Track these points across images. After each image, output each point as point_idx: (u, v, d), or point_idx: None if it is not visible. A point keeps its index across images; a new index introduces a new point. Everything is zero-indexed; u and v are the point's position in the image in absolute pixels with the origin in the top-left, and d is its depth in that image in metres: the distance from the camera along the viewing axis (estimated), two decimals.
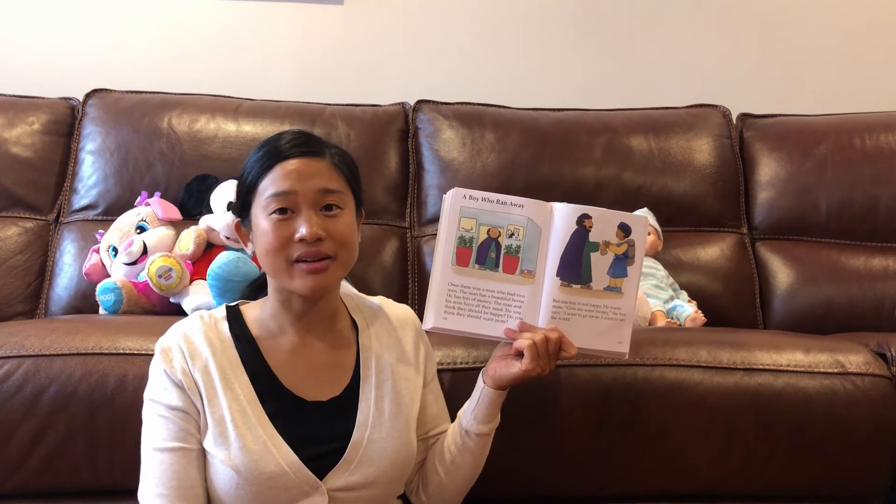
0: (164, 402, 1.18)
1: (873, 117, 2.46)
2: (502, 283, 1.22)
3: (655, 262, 2.17)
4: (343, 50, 2.67)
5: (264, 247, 1.19)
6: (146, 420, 1.20)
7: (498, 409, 1.27)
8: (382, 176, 2.31)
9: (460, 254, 1.22)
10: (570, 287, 1.23)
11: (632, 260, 1.24)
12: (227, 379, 1.19)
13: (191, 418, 1.18)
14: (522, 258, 1.23)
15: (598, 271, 1.23)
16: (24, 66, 2.58)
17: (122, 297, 1.86)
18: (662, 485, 1.50)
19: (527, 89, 2.69)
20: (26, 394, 1.39)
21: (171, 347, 1.20)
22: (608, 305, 1.24)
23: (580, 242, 1.23)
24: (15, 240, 2.19)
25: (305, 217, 1.17)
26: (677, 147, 2.38)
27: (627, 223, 1.25)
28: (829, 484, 1.51)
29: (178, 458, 1.16)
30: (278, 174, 1.18)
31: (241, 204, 1.24)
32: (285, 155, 1.19)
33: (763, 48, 2.76)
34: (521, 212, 1.23)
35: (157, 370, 1.20)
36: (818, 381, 1.49)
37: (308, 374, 1.23)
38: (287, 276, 1.18)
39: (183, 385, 1.18)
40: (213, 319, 1.24)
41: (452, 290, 1.21)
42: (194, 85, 2.47)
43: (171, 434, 1.17)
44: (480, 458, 1.29)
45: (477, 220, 1.22)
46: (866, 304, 2.21)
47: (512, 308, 1.22)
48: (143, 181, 2.21)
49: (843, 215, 2.32)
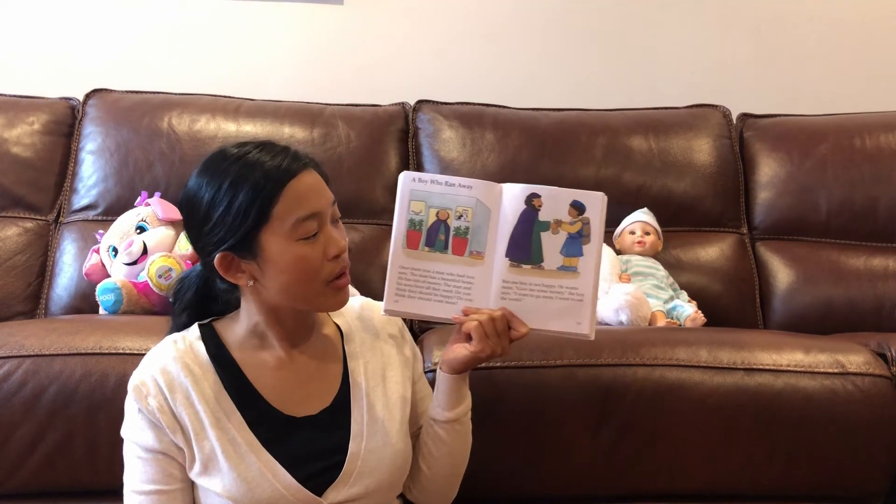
0: (141, 443, 1.13)
1: (873, 117, 2.46)
2: (451, 264, 1.21)
3: (655, 262, 2.17)
4: (343, 50, 2.67)
5: (296, 275, 1.11)
6: (125, 458, 1.15)
7: (460, 394, 1.24)
8: (382, 176, 2.31)
9: (410, 236, 1.21)
10: (520, 267, 1.21)
11: (588, 239, 1.21)
12: (213, 409, 1.13)
13: (171, 459, 1.13)
14: (471, 240, 1.22)
15: (549, 251, 1.21)
16: (24, 66, 2.58)
17: (122, 297, 1.86)
18: (662, 485, 1.49)
19: (527, 89, 2.69)
20: (26, 394, 1.39)
21: (146, 382, 1.13)
22: (563, 285, 1.21)
23: (529, 222, 1.21)
24: (15, 240, 2.19)
25: (331, 233, 1.13)
26: (677, 147, 2.38)
27: (581, 201, 1.21)
28: (828, 484, 1.51)
29: (158, 500, 1.13)
30: (295, 195, 1.11)
31: (239, 237, 1.10)
32: (292, 174, 1.11)
33: (763, 48, 2.76)
34: (469, 193, 1.22)
35: (131, 409, 1.14)
36: (818, 381, 1.49)
37: (295, 388, 1.19)
38: (318, 298, 1.14)
39: (161, 424, 1.12)
40: (187, 342, 1.17)
41: (403, 272, 1.20)
42: (194, 85, 2.46)
43: (149, 477, 1.13)
44: (457, 446, 1.26)
45: (426, 203, 1.21)
46: (866, 304, 2.20)
47: (462, 290, 1.21)
48: (143, 181, 2.21)
49: (843, 215, 2.32)
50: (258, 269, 1.13)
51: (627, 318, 1.89)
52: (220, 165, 1.13)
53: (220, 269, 1.14)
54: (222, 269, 1.14)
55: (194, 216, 1.14)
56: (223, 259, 1.13)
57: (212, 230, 1.12)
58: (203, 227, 1.13)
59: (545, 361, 1.47)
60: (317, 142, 2.30)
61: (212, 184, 1.12)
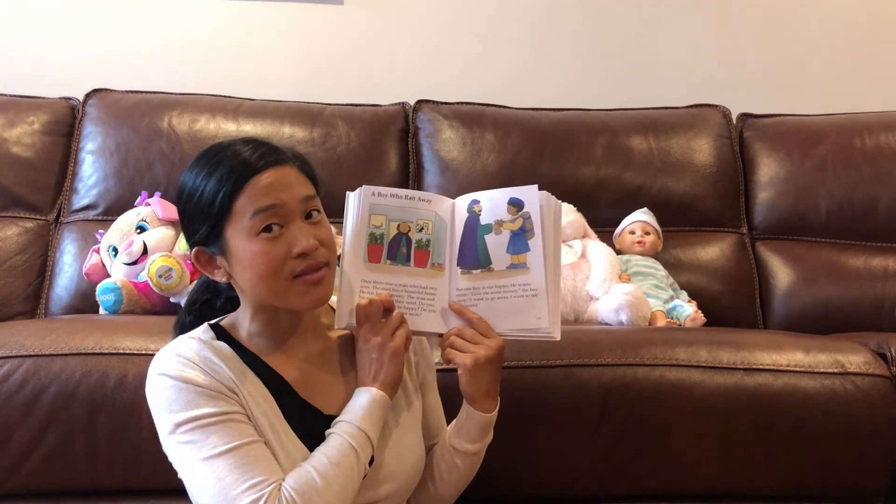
0: (203, 411, 1.05)
1: (873, 117, 2.46)
2: (414, 276, 1.21)
3: (655, 262, 2.17)
4: (343, 50, 2.67)
5: (257, 271, 1.08)
6: (184, 447, 1.05)
7: (487, 429, 1.23)
8: (382, 176, 2.31)
9: (372, 250, 1.20)
10: (471, 273, 1.22)
11: (531, 233, 1.21)
12: (252, 393, 1.10)
13: (241, 422, 1.07)
14: (433, 251, 1.22)
15: (496, 252, 1.21)
16: (24, 66, 2.58)
17: (122, 297, 1.86)
18: (662, 485, 1.49)
19: (527, 89, 2.69)
20: (26, 394, 1.39)
21: (187, 364, 1.07)
22: (515, 283, 1.21)
23: (472, 228, 1.22)
24: (15, 240, 2.19)
25: (297, 229, 1.09)
26: (677, 147, 2.38)
27: (517, 197, 1.22)
28: (829, 484, 1.51)
29: (248, 452, 1.04)
30: (256, 189, 1.08)
31: (206, 230, 1.09)
32: (257, 168, 1.08)
33: (763, 48, 2.76)
34: (428, 206, 1.23)
35: (178, 392, 1.06)
36: (818, 381, 1.49)
37: (318, 386, 1.17)
38: (286, 295, 1.10)
39: (219, 394, 1.06)
40: (209, 336, 1.14)
41: (365, 286, 1.19)
42: (194, 85, 2.47)
43: (225, 439, 1.04)
44: (469, 473, 1.26)
45: (387, 217, 1.21)
46: (866, 304, 2.21)
47: (425, 301, 1.21)
48: (143, 181, 2.21)
49: (843, 215, 2.32)
50: (228, 265, 1.12)
51: (627, 318, 1.89)
52: (201, 160, 1.12)
53: (198, 265, 1.13)
54: (199, 265, 1.13)
55: (180, 210, 1.14)
56: (198, 254, 1.13)
57: (188, 224, 1.12)
58: (183, 220, 1.14)
59: (545, 361, 1.47)
60: (317, 142, 2.30)
61: (189, 177, 1.12)
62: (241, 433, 1.06)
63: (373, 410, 1.12)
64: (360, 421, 1.11)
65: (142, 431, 1.38)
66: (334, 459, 1.08)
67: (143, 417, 1.38)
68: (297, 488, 1.04)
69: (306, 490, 1.04)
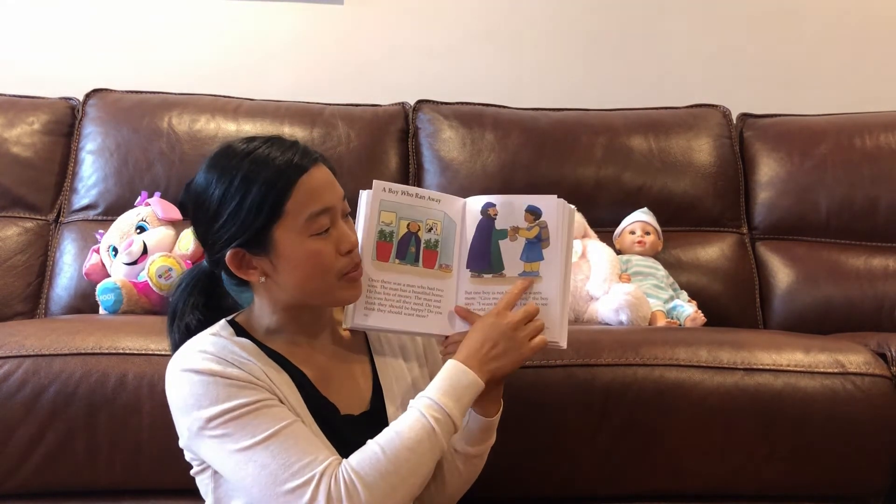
0: (236, 402, 1.04)
1: (873, 117, 2.46)
2: (422, 277, 1.20)
3: (655, 262, 2.17)
4: (343, 50, 2.67)
5: (309, 269, 1.10)
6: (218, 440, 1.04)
7: (490, 433, 1.23)
8: (382, 176, 2.30)
9: (381, 248, 1.19)
10: (481, 277, 1.21)
11: (547, 242, 1.20)
12: (279, 385, 1.09)
13: (278, 402, 1.07)
14: (441, 252, 1.21)
15: (509, 258, 1.20)
16: (24, 66, 2.58)
17: (122, 297, 1.86)
18: (662, 485, 1.49)
19: (527, 89, 2.69)
20: (26, 394, 1.39)
21: (206, 358, 1.07)
22: (527, 291, 1.20)
23: (486, 232, 1.21)
24: (15, 240, 2.19)
25: (343, 228, 1.12)
26: (677, 147, 2.38)
27: (536, 205, 1.20)
28: (829, 484, 1.51)
29: (291, 433, 1.03)
30: (307, 190, 1.09)
31: (251, 233, 1.08)
32: (304, 168, 1.10)
33: (763, 48, 2.76)
34: (438, 206, 1.22)
35: (203, 386, 1.05)
36: (818, 381, 1.49)
37: (334, 383, 1.17)
38: (332, 292, 1.12)
39: (251, 381, 1.06)
40: (228, 332, 1.14)
41: (373, 285, 1.18)
42: (194, 85, 2.47)
43: (267, 423, 1.03)
44: (471, 476, 1.26)
45: (397, 214, 1.20)
46: (866, 304, 2.21)
47: (432, 303, 1.20)
48: (143, 181, 2.21)
49: (843, 215, 2.32)
50: (270, 265, 1.11)
51: (627, 317, 1.89)
52: (230, 161, 1.11)
53: (232, 266, 1.12)
54: (234, 266, 1.12)
55: (203, 213, 1.12)
56: (235, 255, 1.11)
57: (223, 227, 1.10)
58: (213, 223, 1.11)
59: (545, 361, 1.47)
60: (317, 142, 2.30)
61: (222, 180, 1.10)
62: (278, 417, 1.05)
63: (464, 394, 1.11)
64: (446, 400, 1.09)
65: (142, 431, 1.38)
66: (407, 439, 1.06)
67: (143, 417, 1.38)
68: (359, 469, 1.03)
69: (370, 472, 1.03)
